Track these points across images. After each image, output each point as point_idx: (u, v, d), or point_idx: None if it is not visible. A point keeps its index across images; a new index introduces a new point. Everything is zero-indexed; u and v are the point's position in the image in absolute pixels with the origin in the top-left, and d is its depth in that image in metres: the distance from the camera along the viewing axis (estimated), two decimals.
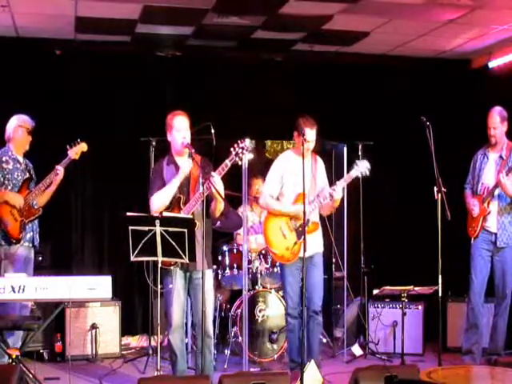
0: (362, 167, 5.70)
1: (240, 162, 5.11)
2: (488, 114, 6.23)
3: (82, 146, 5.82)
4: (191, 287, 5.22)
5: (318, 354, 5.92)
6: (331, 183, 5.89)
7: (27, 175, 5.87)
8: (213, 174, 5.00)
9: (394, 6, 6.34)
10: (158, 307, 6.46)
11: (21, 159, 5.89)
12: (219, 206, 5.14)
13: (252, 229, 7.23)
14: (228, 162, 5.04)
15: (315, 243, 5.80)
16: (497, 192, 6.17)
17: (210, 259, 5.27)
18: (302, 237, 5.46)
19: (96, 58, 7.36)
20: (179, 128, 5.21)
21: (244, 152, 5.02)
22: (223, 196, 5.06)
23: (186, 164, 5.17)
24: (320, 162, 5.97)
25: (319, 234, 5.91)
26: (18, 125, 5.87)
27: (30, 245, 5.84)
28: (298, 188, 5.66)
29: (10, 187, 5.76)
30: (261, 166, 7.83)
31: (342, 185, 5.71)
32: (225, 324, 6.70)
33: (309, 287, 5.71)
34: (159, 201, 5.15)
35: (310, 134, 5.68)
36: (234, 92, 7.61)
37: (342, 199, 6.03)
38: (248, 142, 5.07)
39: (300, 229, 5.63)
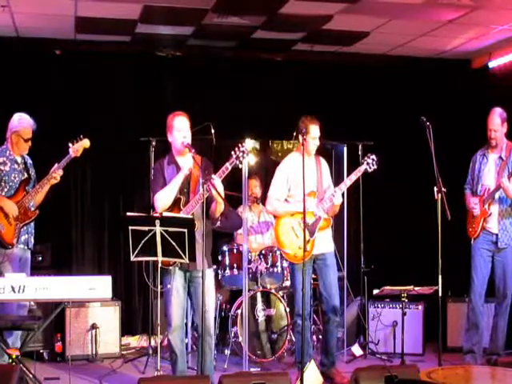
0: (369, 159, 5.81)
1: (240, 166, 5.13)
2: (488, 116, 6.21)
3: (84, 143, 5.70)
4: (191, 287, 5.22)
5: (334, 355, 6.00)
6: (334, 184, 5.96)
7: (25, 176, 5.83)
8: (213, 176, 5.00)
9: (394, 5, 6.34)
10: (158, 307, 6.47)
11: (19, 159, 5.84)
12: (219, 208, 5.15)
13: (252, 229, 7.24)
14: (229, 165, 5.04)
15: (326, 241, 5.88)
16: (497, 195, 6.17)
17: (209, 259, 5.27)
18: (314, 234, 5.70)
19: (96, 58, 7.36)
20: (179, 128, 5.21)
21: (244, 156, 5.04)
22: (223, 197, 5.07)
23: (187, 162, 5.18)
24: (324, 163, 6.06)
25: (329, 232, 5.96)
26: (17, 133, 5.78)
27: (25, 247, 5.80)
28: (306, 188, 5.66)
29: (6, 189, 5.72)
30: (259, 166, 7.88)
31: (344, 187, 5.82)
32: (225, 324, 6.70)
33: (325, 288, 5.86)
34: (163, 199, 5.15)
35: (315, 130, 5.80)
36: (234, 92, 7.61)
37: (342, 201, 6.05)
38: (252, 143, 5.09)
39: (312, 226, 5.72)
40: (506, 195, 6.11)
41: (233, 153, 5.04)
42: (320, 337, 6.96)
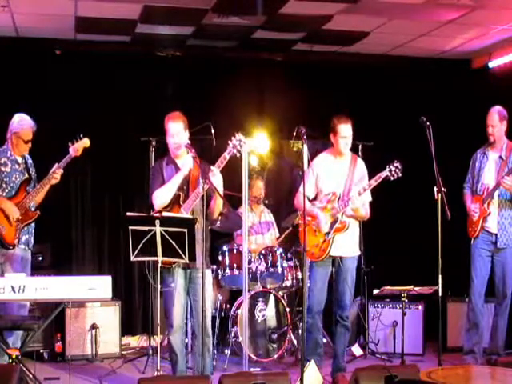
0: (392, 166, 5.60)
1: (238, 154, 5.10)
2: (487, 113, 6.23)
3: (84, 142, 5.71)
4: (191, 286, 5.22)
5: (342, 359, 5.88)
6: None
7: (25, 176, 5.83)
8: (212, 167, 5.02)
9: (394, 5, 6.34)
10: (158, 307, 6.46)
11: (19, 159, 5.85)
12: (218, 202, 5.15)
13: (252, 229, 7.23)
14: (226, 155, 5.05)
15: (346, 244, 5.73)
16: (496, 193, 6.17)
17: (208, 260, 5.26)
18: (330, 234, 5.60)
19: (96, 58, 7.36)
20: (171, 134, 5.24)
21: (241, 144, 5.02)
22: (221, 191, 5.09)
23: (186, 163, 5.18)
24: (360, 165, 5.87)
25: (353, 237, 5.80)
26: (17, 134, 5.78)
27: (26, 247, 5.81)
28: (331, 188, 5.70)
29: (7, 190, 5.72)
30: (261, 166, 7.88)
31: (362, 192, 5.61)
32: (225, 324, 6.70)
33: (337, 291, 5.78)
34: (161, 197, 5.16)
35: (345, 129, 5.70)
36: (234, 92, 7.60)
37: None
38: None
39: (329, 227, 5.64)
40: (509, 193, 6.11)
41: (229, 142, 5.03)
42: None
